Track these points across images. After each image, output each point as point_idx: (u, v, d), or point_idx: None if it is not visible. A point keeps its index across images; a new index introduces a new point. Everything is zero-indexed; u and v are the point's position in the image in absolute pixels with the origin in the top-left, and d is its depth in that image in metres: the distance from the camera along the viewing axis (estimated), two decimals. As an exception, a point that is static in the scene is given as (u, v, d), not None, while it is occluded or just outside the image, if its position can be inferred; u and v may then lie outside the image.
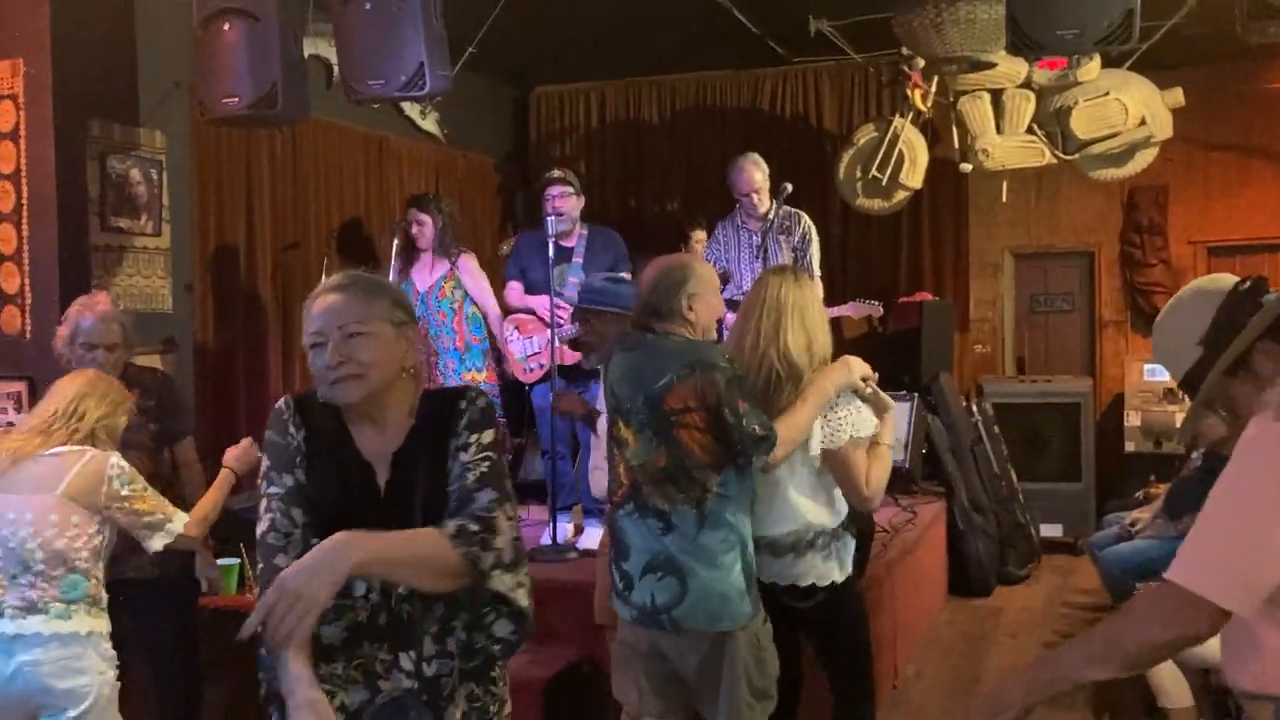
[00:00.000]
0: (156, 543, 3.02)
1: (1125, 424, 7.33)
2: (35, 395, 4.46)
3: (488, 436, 1.90)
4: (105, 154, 4.73)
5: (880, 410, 3.13)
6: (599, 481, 3.33)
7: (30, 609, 2.84)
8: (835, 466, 3.06)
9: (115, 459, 3.02)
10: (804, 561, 3.06)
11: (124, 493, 2.98)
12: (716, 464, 2.80)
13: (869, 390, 3.11)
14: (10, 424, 4.31)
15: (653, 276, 3.00)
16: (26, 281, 4.59)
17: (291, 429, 1.94)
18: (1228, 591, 1.61)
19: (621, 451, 2.91)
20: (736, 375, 2.85)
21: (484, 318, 5.54)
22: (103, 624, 2.97)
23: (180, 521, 3.06)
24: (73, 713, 2.85)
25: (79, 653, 2.87)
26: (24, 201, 4.57)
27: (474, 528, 1.78)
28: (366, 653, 1.89)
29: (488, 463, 1.87)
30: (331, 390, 1.87)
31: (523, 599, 1.85)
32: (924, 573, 5.72)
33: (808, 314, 3.07)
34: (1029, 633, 5.59)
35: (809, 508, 3.07)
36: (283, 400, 2.00)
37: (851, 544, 3.19)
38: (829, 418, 3.03)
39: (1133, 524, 5.13)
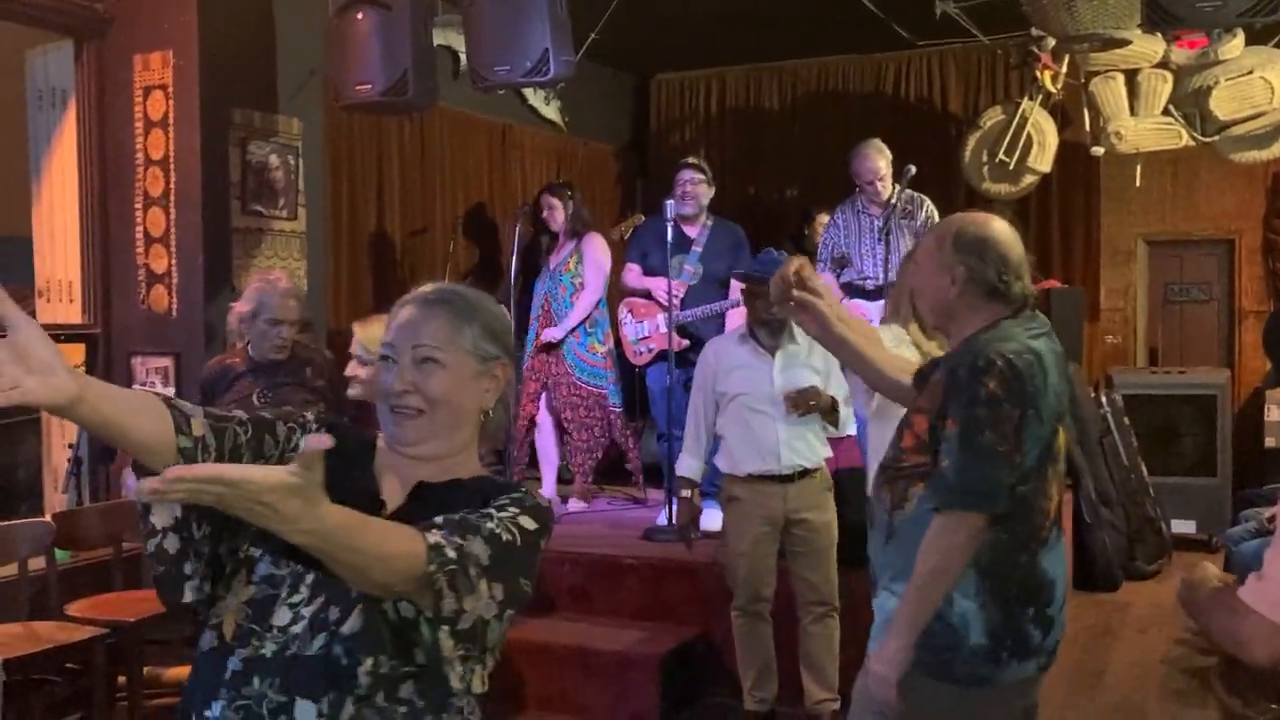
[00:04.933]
0: None
1: (1265, 418, 7.01)
2: (181, 370, 4.71)
3: (529, 523, 1.49)
4: (246, 140, 4.95)
5: None
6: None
7: None
8: None
9: None
10: None
11: None
12: None
13: None
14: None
15: (1001, 235, 2.26)
16: (173, 262, 4.84)
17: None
18: None
19: (1056, 468, 2.26)
20: None
21: (580, 290, 5.50)
22: None
23: None
24: None
25: None
26: (172, 186, 4.82)
27: (452, 555, 1.36)
28: (255, 691, 1.43)
29: (510, 534, 1.45)
30: (390, 421, 1.56)
31: (454, 677, 1.46)
32: (1047, 565, 5.57)
33: None
34: (1159, 628, 5.40)
35: None
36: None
37: None
38: None
39: (1271, 519, 4.92)
